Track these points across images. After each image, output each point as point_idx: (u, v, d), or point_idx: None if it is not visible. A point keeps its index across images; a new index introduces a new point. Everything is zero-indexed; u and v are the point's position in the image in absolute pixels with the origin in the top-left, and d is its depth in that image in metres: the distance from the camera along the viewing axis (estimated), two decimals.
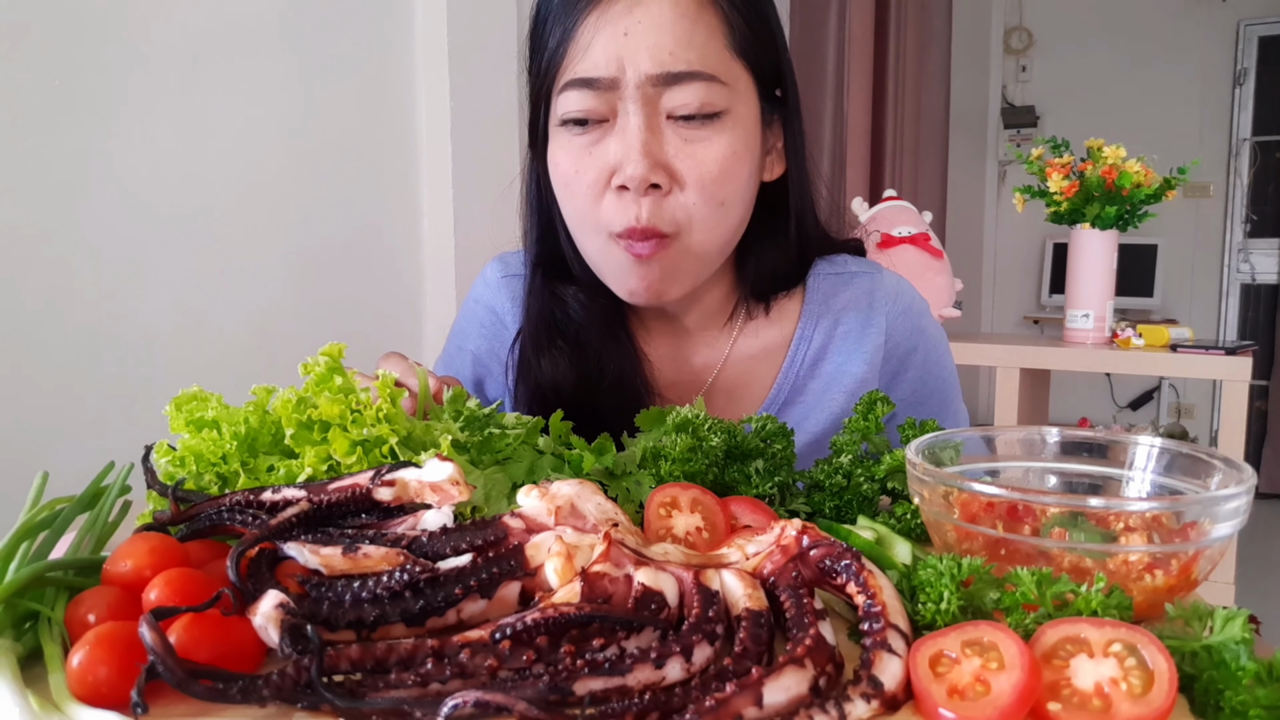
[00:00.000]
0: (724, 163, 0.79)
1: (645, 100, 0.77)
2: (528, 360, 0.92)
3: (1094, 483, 0.63)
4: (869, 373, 0.94)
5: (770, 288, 0.94)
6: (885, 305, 0.95)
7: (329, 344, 0.66)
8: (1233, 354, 2.17)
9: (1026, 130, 4.80)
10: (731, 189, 0.81)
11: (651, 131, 0.78)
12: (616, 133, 0.79)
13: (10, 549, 0.51)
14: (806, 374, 0.94)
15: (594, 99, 0.78)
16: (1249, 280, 4.55)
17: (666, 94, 0.77)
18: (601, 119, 0.79)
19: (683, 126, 0.78)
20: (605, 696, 0.40)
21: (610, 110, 0.79)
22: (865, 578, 0.47)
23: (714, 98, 0.78)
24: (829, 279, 0.96)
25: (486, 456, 0.67)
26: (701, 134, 0.79)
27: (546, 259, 0.92)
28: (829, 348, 0.94)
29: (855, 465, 0.70)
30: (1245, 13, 4.43)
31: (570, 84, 0.79)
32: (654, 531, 0.58)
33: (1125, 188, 2.16)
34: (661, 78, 0.77)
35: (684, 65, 0.77)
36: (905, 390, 0.97)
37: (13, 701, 0.40)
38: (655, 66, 0.76)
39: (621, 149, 0.78)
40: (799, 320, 0.95)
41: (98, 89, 1.30)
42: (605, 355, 0.90)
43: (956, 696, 0.40)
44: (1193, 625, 0.45)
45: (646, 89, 0.77)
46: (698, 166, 0.79)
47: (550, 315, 0.92)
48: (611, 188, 0.79)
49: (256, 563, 0.48)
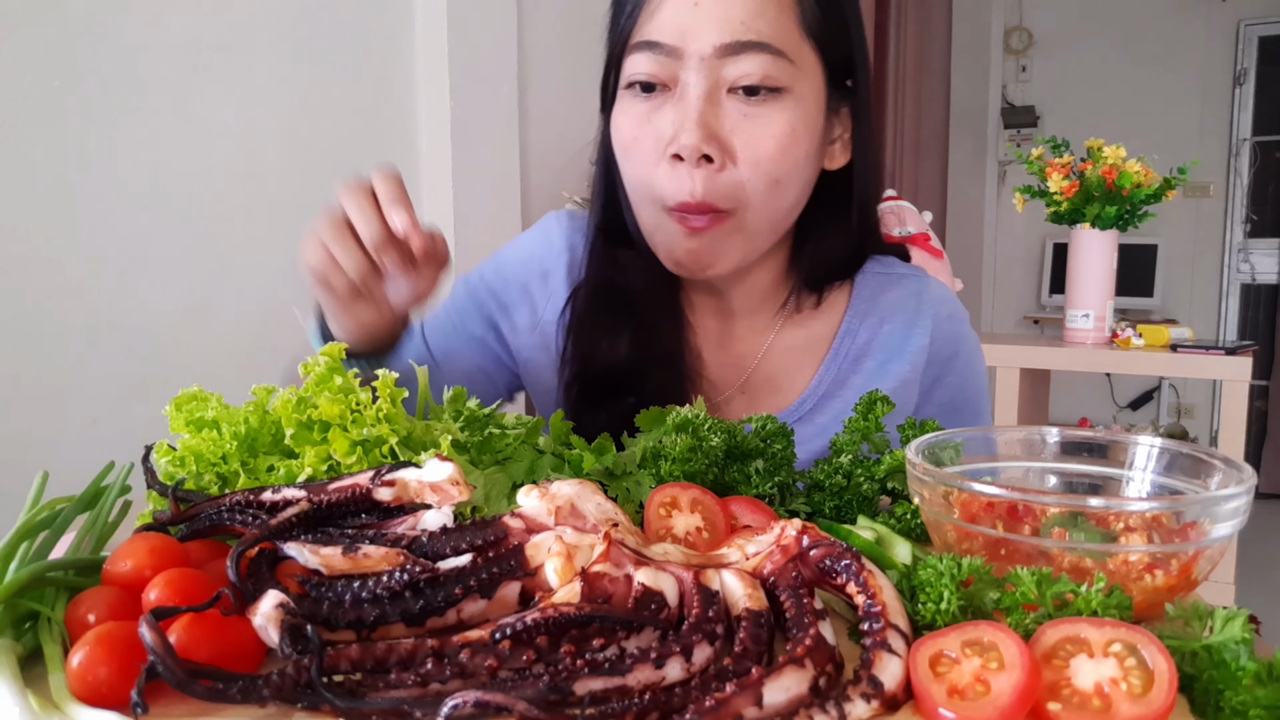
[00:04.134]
0: (781, 140, 0.79)
1: (707, 71, 0.77)
2: (582, 321, 0.92)
3: (1094, 483, 0.63)
4: (912, 374, 0.94)
5: (825, 277, 0.94)
6: (931, 309, 0.96)
7: (329, 344, 0.66)
8: (1233, 354, 2.17)
9: (1026, 130, 4.80)
10: (787, 168, 0.81)
11: (710, 103, 0.78)
12: (675, 101, 0.79)
13: (10, 549, 0.51)
14: (849, 369, 0.94)
15: (656, 64, 0.78)
16: (1249, 280, 4.55)
17: (730, 64, 0.77)
18: (664, 85, 0.79)
19: (742, 101, 0.78)
20: (605, 696, 0.39)
21: (672, 78, 0.79)
22: (865, 578, 0.47)
23: (777, 72, 0.78)
24: (877, 277, 0.96)
25: (486, 456, 0.67)
26: (761, 110, 0.78)
27: (609, 224, 0.92)
28: (873, 345, 0.94)
29: (855, 465, 0.70)
30: (1245, 13, 4.43)
31: (636, 45, 0.79)
32: (654, 531, 0.58)
33: (1125, 188, 2.17)
34: (728, 47, 0.77)
35: (753, 35, 0.77)
36: (945, 395, 0.97)
37: (13, 701, 0.40)
38: (723, 36, 0.76)
39: (678, 118, 0.78)
40: (844, 315, 0.95)
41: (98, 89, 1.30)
42: (656, 323, 0.91)
43: (956, 696, 0.40)
44: (1193, 625, 0.45)
45: (711, 60, 0.77)
46: (753, 142, 0.79)
47: (609, 280, 0.92)
48: (666, 157, 0.79)
49: (256, 563, 0.48)
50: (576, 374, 0.91)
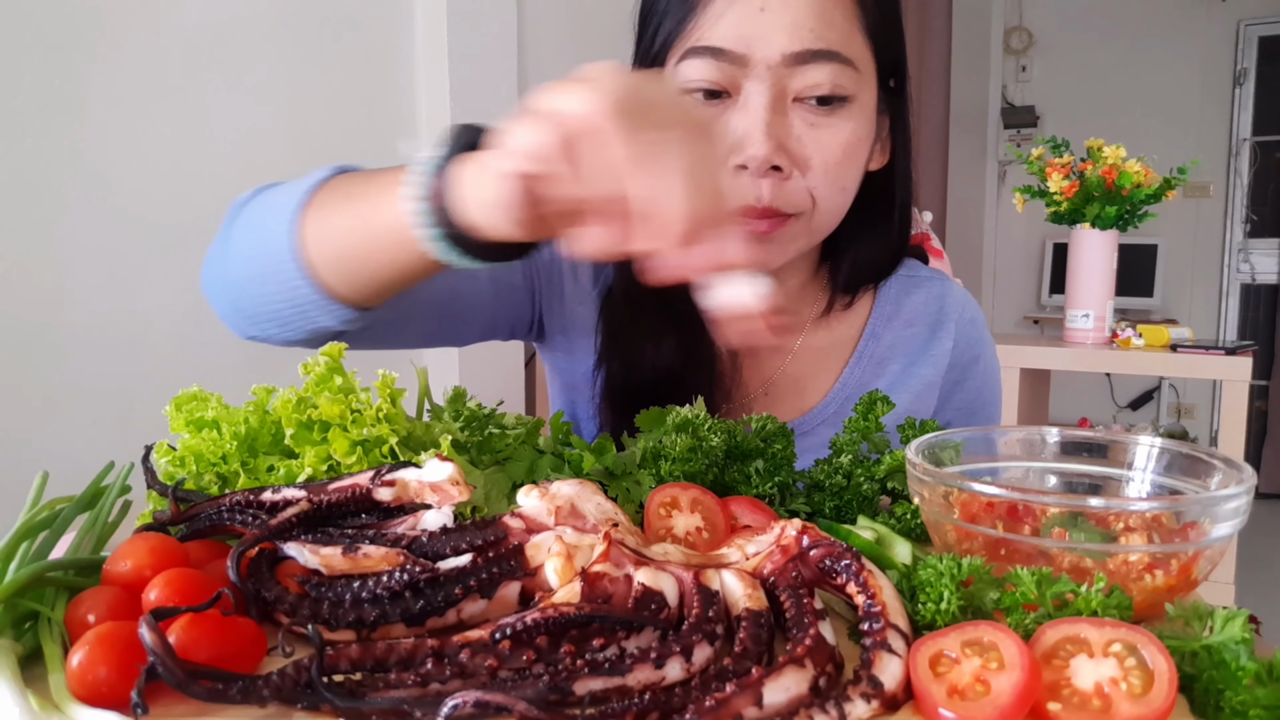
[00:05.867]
0: (848, 148, 0.78)
1: (774, 79, 0.75)
2: (621, 326, 0.89)
3: (1094, 483, 0.63)
4: (934, 378, 0.94)
5: (862, 279, 0.93)
6: (955, 313, 0.96)
7: (329, 344, 0.66)
8: (1233, 354, 2.17)
9: (1026, 130, 4.80)
10: (851, 175, 0.81)
11: (776, 113, 0.76)
12: (739, 110, 0.76)
13: (10, 549, 0.51)
14: (872, 373, 0.94)
15: (717, 70, 0.76)
16: (1249, 280, 4.55)
17: (798, 73, 0.75)
18: (722, 92, 0.77)
19: (809, 110, 0.77)
20: (605, 696, 0.39)
21: (732, 85, 0.76)
22: (865, 578, 0.47)
23: (845, 81, 0.76)
24: (901, 280, 0.96)
25: (486, 456, 0.67)
26: (829, 120, 0.77)
27: None
28: (896, 349, 0.94)
29: (855, 465, 0.70)
30: (1245, 13, 4.42)
31: (695, 51, 0.76)
32: (654, 531, 0.58)
33: (1125, 188, 2.16)
34: (798, 56, 0.74)
35: (823, 44, 0.75)
36: (965, 398, 0.97)
37: (13, 701, 0.40)
38: (793, 44, 0.74)
39: (744, 128, 0.76)
40: (869, 319, 0.95)
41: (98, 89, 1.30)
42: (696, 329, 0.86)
43: (956, 696, 0.40)
44: (1193, 625, 0.45)
45: (778, 68, 0.75)
46: (822, 151, 0.77)
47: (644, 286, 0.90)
48: (728, 166, 0.77)
49: (256, 563, 0.48)
50: (613, 378, 0.89)
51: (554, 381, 1.00)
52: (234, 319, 0.70)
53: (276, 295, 0.65)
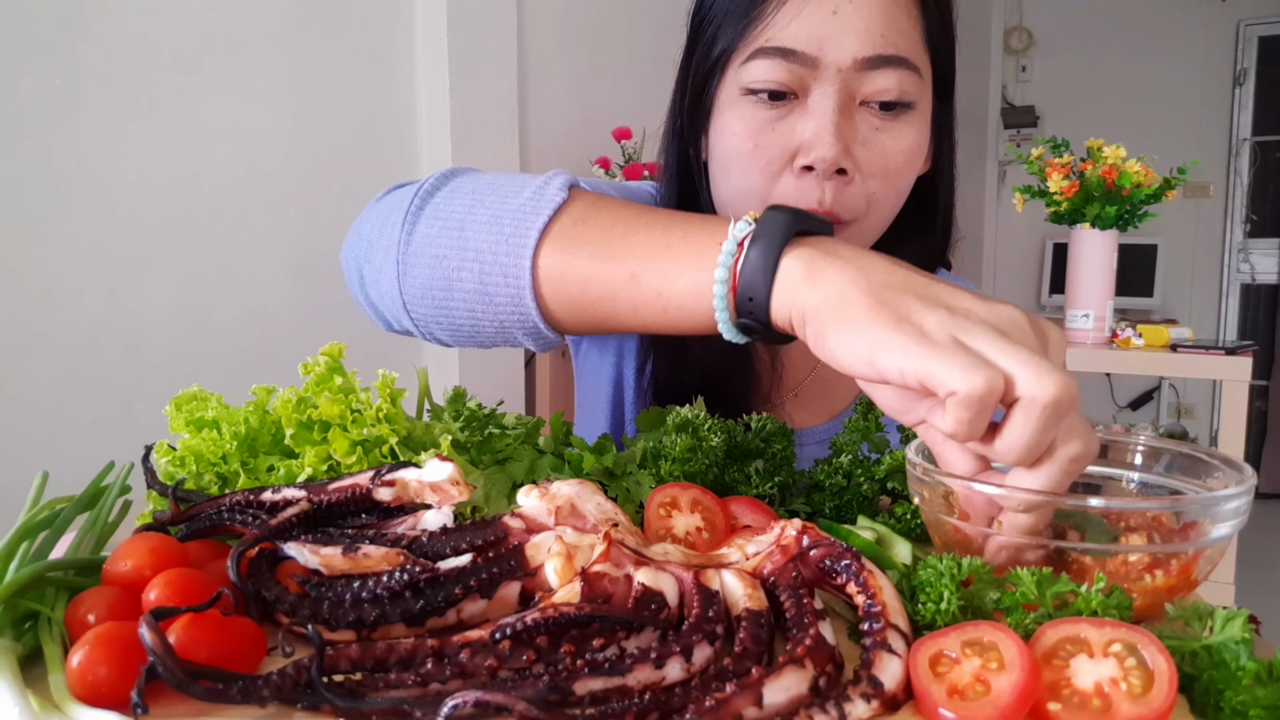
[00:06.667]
0: (909, 154, 0.79)
1: (843, 83, 0.75)
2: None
3: (1094, 483, 0.63)
4: None
5: None
6: None
7: (329, 344, 0.66)
8: (1233, 354, 2.17)
9: (1026, 130, 4.80)
10: (908, 181, 0.81)
11: (845, 116, 0.76)
12: (807, 112, 0.76)
13: (10, 549, 0.51)
14: None
15: (787, 72, 0.76)
16: (1249, 280, 4.56)
17: (867, 78, 0.75)
18: (789, 93, 0.77)
19: (875, 115, 0.77)
20: (605, 696, 0.39)
21: (800, 87, 0.76)
22: (865, 578, 0.47)
23: (911, 87, 0.77)
24: None
25: (486, 456, 0.67)
26: (893, 125, 0.77)
27: None
28: None
29: (855, 465, 0.70)
30: (1245, 13, 4.43)
31: (764, 51, 0.76)
32: (654, 531, 0.58)
33: (1125, 188, 2.16)
34: (869, 60, 0.74)
35: (893, 49, 0.75)
36: None
37: (13, 701, 0.40)
38: (865, 49, 0.74)
39: (812, 130, 0.75)
40: None
41: (98, 89, 1.30)
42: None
43: (956, 696, 0.40)
44: (1193, 625, 0.45)
45: (848, 72, 0.75)
46: (884, 156, 0.78)
47: None
48: (793, 168, 0.77)
49: (256, 563, 0.48)
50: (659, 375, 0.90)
51: (583, 379, 1.00)
52: (391, 309, 0.71)
53: (481, 310, 0.65)
